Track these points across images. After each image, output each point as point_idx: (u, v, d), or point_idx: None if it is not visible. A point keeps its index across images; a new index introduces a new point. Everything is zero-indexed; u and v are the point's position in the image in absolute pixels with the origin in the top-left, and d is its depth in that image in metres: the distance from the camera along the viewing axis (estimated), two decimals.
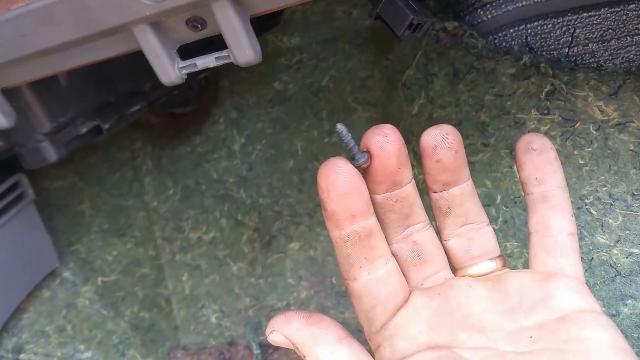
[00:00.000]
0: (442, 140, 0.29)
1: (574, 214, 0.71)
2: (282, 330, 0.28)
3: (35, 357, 1.02)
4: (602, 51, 0.70)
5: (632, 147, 0.68)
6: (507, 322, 0.29)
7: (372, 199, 0.29)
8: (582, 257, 0.70)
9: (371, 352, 0.29)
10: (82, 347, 1.04)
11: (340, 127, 0.29)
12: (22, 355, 1.01)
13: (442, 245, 0.32)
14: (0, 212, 0.86)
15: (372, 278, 0.29)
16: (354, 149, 0.29)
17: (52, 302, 1.05)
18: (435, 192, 0.31)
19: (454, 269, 0.32)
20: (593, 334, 0.27)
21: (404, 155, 0.29)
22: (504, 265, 0.32)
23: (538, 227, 0.31)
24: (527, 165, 0.31)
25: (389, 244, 0.30)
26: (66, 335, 1.04)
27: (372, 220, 0.28)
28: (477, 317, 0.28)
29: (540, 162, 0.31)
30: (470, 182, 0.32)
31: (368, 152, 0.28)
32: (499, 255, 0.32)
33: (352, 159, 0.28)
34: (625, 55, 0.69)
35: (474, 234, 0.32)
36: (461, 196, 0.31)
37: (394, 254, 0.30)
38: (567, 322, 0.28)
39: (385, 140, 0.28)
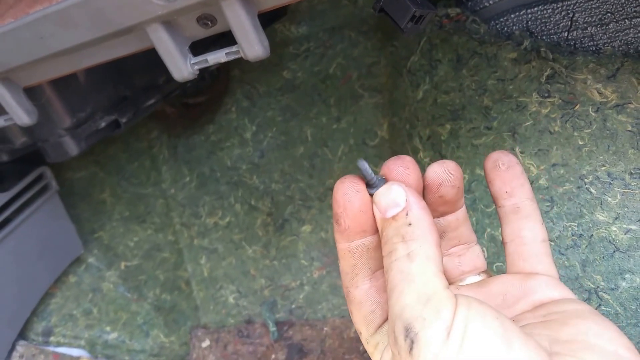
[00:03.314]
0: (446, 179, 0.30)
1: (574, 192, 0.71)
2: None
3: (64, 339, 1.04)
4: (600, 34, 0.69)
5: (630, 128, 0.67)
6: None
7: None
8: (582, 234, 0.70)
9: None
10: (108, 329, 1.06)
11: (361, 164, 0.29)
12: (51, 338, 1.03)
13: None
14: (26, 203, 0.88)
15: (374, 286, 0.30)
16: (372, 178, 0.29)
17: (78, 286, 1.06)
18: None
19: None
20: (569, 307, 0.28)
21: (421, 186, 0.30)
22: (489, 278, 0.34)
23: (512, 237, 0.32)
24: (497, 180, 0.32)
25: None
26: (93, 317, 1.06)
27: (378, 235, 0.30)
28: None
29: (508, 177, 0.32)
30: (464, 208, 0.33)
31: (385, 178, 0.29)
32: (486, 270, 0.34)
33: (370, 186, 0.29)
34: (624, 38, 0.68)
35: (464, 252, 0.33)
36: (456, 221, 0.33)
37: None
38: (546, 305, 0.29)
39: (406, 172, 0.29)
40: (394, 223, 0.27)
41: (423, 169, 0.85)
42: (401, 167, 0.29)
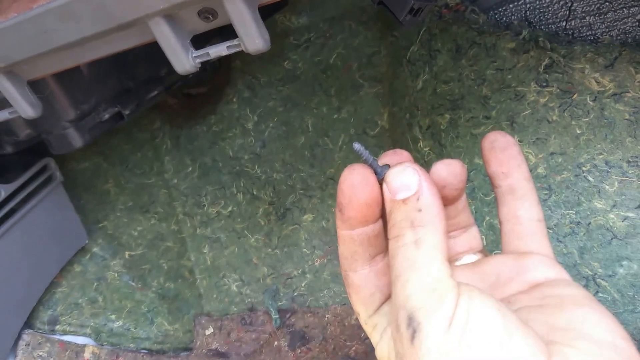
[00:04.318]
0: (451, 182, 0.30)
1: (572, 181, 0.71)
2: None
3: (69, 327, 1.04)
4: (599, 24, 0.69)
5: (627, 116, 0.68)
6: (488, 288, 0.30)
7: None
8: (580, 222, 0.71)
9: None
10: (113, 317, 1.07)
11: (357, 146, 0.29)
12: (57, 327, 1.04)
13: None
14: (31, 194, 0.88)
15: (373, 270, 0.30)
16: (374, 164, 0.28)
17: (83, 276, 1.07)
18: None
19: None
20: (566, 291, 0.28)
21: None
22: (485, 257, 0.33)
23: (508, 217, 0.32)
24: (493, 161, 0.31)
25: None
26: (98, 306, 1.07)
27: (380, 222, 0.29)
28: None
29: (504, 158, 0.31)
30: (464, 196, 0.32)
31: (389, 165, 0.28)
32: (482, 249, 0.33)
33: (375, 173, 0.28)
34: (622, 27, 0.68)
35: (461, 234, 0.33)
36: (455, 210, 0.32)
37: None
38: (541, 287, 0.29)
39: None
40: (403, 207, 0.26)
41: (423, 158, 0.86)
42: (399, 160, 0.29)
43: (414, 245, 0.25)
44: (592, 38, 0.70)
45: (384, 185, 0.27)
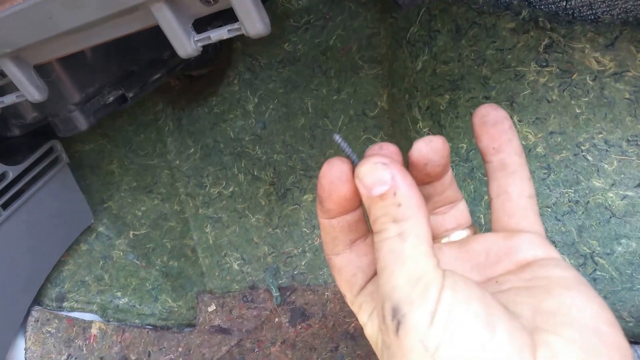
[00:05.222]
0: (431, 159, 0.29)
1: (571, 160, 0.72)
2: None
3: (77, 304, 1.06)
4: (599, 3, 0.68)
5: (627, 96, 0.67)
6: (475, 275, 0.30)
7: None
8: (578, 201, 0.71)
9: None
10: (119, 294, 1.08)
11: (337, 137, 0.28)
12: (65, 304, 1.05)
13: None
14: (38, 175, 0.89)
15: (354, 252, 0.30)
16: (353, 157, 0.28)
17: (89, 254, 1.08)
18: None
19: None
20: (555, 272, 0.27)
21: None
22: (474, 234, 0.32)
23: (499, 192, 0.31)
24: (484, 137, 0.30)
25: None
26: (104, 283, 1.08)
27: (360, 209, 0.29)
28: None
29: (495, 132, 0.30)
30: (449, 172, 0.32)
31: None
32: (470, 225, 0.33)
33: (354, 164, 0.28)
34: (623, 6, 0.68)
35: (448, 210, 0.33)
36: (441, 186, 0.32)
37: None
38: (530, 266, 0.28)
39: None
40: (381, 202, 0.25)
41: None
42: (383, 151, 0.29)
43: (398, 238, 0.25)
44: (592, 17, 0.70)
45: (357, 182, 0.27)
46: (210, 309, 1.13)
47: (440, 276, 0.24)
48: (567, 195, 0.73)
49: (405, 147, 0.95)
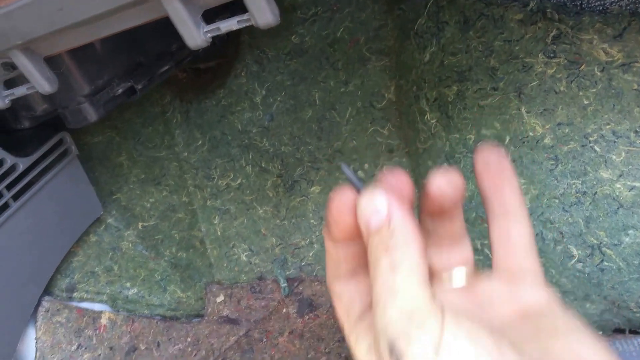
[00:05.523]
0: (448, 194, 0.28)
1: (579, 151, 0.71)
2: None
3: (87, 295, 1.07)
4: None
5: (636, 87, 0.67)
6: (479, 314, 0.29)
7: None
8: (586, 192, 0.71)
9: None
10: (128, 285, 1.09)
11: (344, 167, 0.28)
12: (75, 294, 1.06)
13: None
14: (47, 167, 0.89)
15: (355, 280, 0.30)
16: (358, 186, 0.28)
17: (99, 245, 1.09)
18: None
19: None
20: (559, 321, 0.27)
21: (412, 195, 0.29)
22: (475, 273, 0.32)
23: (500, 233, 0.31)
24: (486, 182, 0.30)
25: None
26: (113, 274, 1.09)
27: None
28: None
29: (497, 175, 0.30)
30: (460, 208, 0.31)
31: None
32: (471, 262, 0.32)
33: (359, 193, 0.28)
34: None
35: (453, 246, 0.32)
36: (450, 221, 0.31)
37: None
38: (533, 312, 0.28)
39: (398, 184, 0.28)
40: (376, 232, 0.25)
41: (429, 130, 0.85)
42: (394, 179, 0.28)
43: (390, 269, 0.24)
44: (600, 8, 0.69)
45: (357, 212, 0.27)
46: (218, 300, 1.14)
47: (439, 308, 0.23)
48: (574, 186, 0.72)
49: (412, 139, 0.95)
